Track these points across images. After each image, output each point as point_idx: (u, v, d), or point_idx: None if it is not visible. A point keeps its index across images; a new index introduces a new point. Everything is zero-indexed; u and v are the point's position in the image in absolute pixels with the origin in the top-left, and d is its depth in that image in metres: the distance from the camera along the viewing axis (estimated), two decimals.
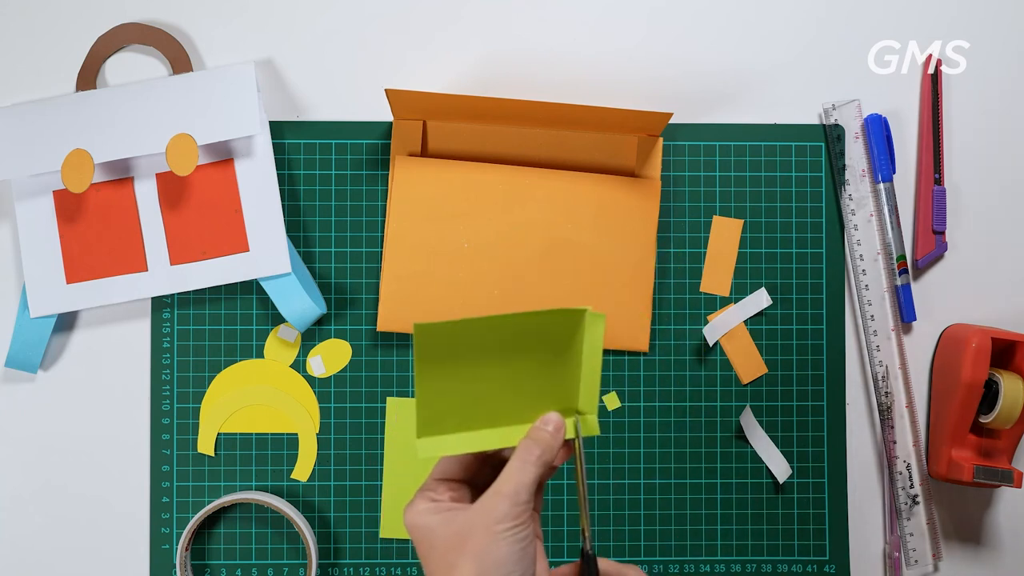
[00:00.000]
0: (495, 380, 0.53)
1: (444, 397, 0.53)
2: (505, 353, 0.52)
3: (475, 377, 0.53)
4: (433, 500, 0.51)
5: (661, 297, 0.77)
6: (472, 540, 0.49)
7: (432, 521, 0.50)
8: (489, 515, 0.49)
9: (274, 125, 0.77)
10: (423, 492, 0.52)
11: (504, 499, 0.49)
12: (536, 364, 0.53)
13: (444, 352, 0.51)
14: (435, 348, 0.51)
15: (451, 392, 0.53)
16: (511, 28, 0.78)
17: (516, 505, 0.49)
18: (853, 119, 0.77)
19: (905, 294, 0.76)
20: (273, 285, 0.74)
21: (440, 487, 0.52)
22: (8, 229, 0.77)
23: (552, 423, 0.53)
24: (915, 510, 0.76)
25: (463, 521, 0.49)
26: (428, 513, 0.51)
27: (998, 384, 0.73)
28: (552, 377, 0.54)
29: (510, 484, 0.50)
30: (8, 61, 0.77)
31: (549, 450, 0.52)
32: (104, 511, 0.76)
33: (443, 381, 0.52)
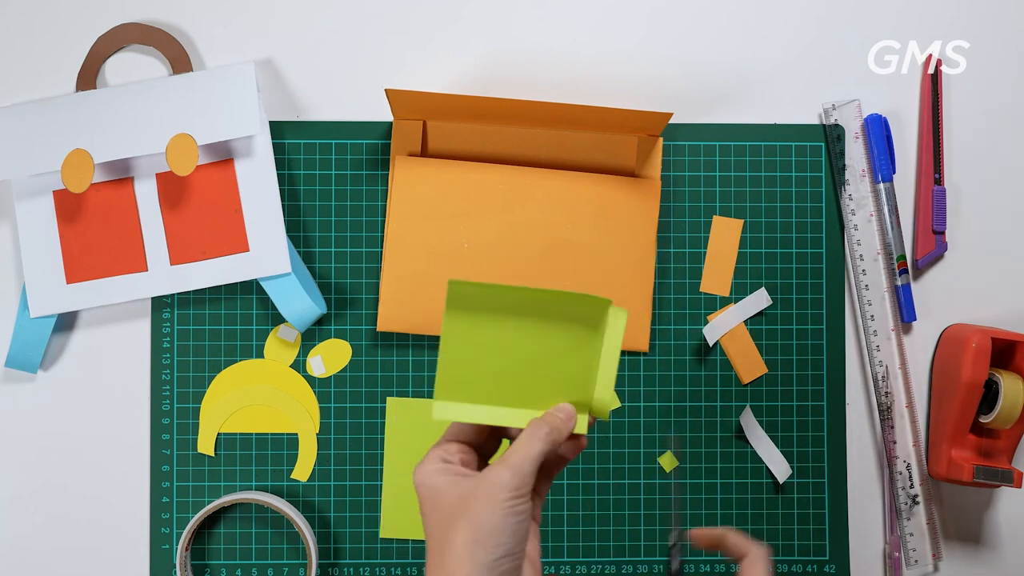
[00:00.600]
0: (516, 357, 0.54)
1: (466, 363, 0.54)
2: (529, 330, 0.53)
3: (498, 349, 0.54)
4: (444, 461, 0.52)
5: (661, 297, 0.77)
6: (472, 506, 0.49)
7: (440, 482, 0.51)
8: (492, 483, 0.50)
9: (274, 125, 0.77)
10: (435, 451, 0.53)
11: (508, 469, 0.50)
12: (558, 349, 0.54)
13: (472, 315, 0.53)
14: (465, 308, 0.52)
15: (473, 360, 0.54)
16: (511, 28, 0.78)
17: (518, 476, 0.50)
18: (853, 119, 0.77)
19: (905, 294, 0.76)
20: (273, 285, 0.74)
21: (452, 448, 0.53)
22: (8, 229, 0.77)
23: (565, 411, 0.54)
24: (915, 510, 0.76)
25: (467, 486, 0.50)
26: (437, 474, 0.51)
27: (998, 384, 0.73)
28: (571, 365, 0.54)
29: (516, 455, 0.51)
30: (8, 61, 0.77)
31: (558, 431, 0.53)
32: (104, 511, 0.76)
33: (467, 347, 0.53)
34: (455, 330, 0.53)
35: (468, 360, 0.54)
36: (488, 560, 0.49)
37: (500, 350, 0.54)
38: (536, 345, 0.54)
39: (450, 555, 0.49)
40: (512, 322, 0.53)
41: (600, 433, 0.76)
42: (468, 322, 0.53)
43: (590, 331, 0.54)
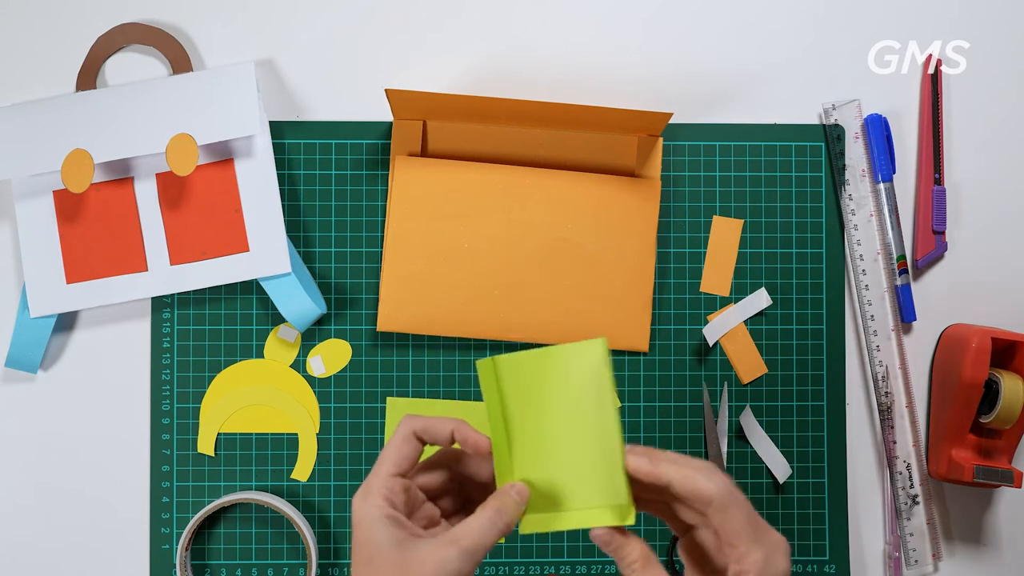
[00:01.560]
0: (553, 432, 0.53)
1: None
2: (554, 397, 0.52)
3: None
4: (390, 503, 0.50)
5: (661, 297, 0.77)
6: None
7: (382, 533, 0.49)
8: (439, 564, 0.48)
9: (274, 125, 0.77)
10: (378, 484, 0.50)
11: (460, 554, 0.48)
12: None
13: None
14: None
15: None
16: (511, 28, 0.78)
17: (468, 563, 0.49)
18: (853, 119, 0.77)
19: (905, 294, 0.76)
20: (273, 285, 0.74)
21: (396, 486, 0.51)
22: (8, 229, 0.77)
23: (520, 492, 0.52)
24: (915, 510, 0.76)
25: (411, 554, 0.48)
26: (379, 523, 0.49)
27: (998, 384, 0.73)
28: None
29: (470, 540, 0.49)
30: (8, 61, 0.77)
31: (512, 524, 0.51)
32: (104, 511, 0.76)
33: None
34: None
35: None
36: None
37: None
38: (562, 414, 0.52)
39: None
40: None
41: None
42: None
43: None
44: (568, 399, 0.52)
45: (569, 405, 0.52)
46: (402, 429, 0.52)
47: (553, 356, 0.52)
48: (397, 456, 0.51)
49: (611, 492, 0.51)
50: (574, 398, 0.52)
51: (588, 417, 0.52)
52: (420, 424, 0.52)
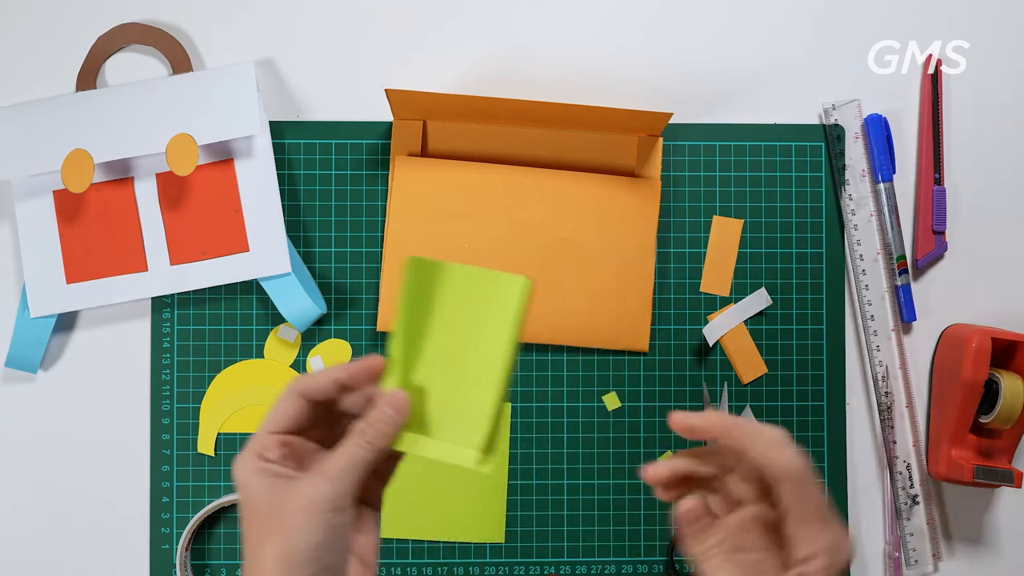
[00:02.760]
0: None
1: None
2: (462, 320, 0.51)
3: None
4: (263, 459, 0.48)
5: (661, 297, 0.77)
6: (287, 518, 0.46)
7: (256, 484, 0.47)
8: (308, 494, 0.46)
9: (274, 125, 0.77)
10: (252, 447, 0.49)
11: (327, 480, 0.47)
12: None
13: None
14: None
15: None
16: (511, 28, 0.78)
17: (337, 488, 0.47)
18: (853, 119, 0.77)
19: (905, 294, 0.76)
20: (273, 285, 0.74)
21: (271, 442, 0.49)
22: (8, 229, 0.77)
23: (394, 404, 0.49)
24: (915, 510, 0.76)
25: (284, 493, 0.47)
26: (253, 474, 0.48)
27: (998, 384, 0.73)
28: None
29: (336, 464, 0.48)
30: (8, 61, 0.77)
31: (384, 436, 0.49)
32: (104, 511, 0.76)
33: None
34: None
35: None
36: (301, 575, 0.46)
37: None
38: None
39: (261, 567, 0.46)
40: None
41: (600, 433, 0.76)
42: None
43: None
44: (473, 324, 0.51)
45: (472, 331, 0.51)
46: (286, 390, 0.51)
47: (479, 277, 0.51)
48: (276, 415, 0.50)
49: (476, 432, 0.50)
50: (479, 326, 0.51)
51: (483, 350, 0.51)
52: (303, 382, 0.50)
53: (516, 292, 0.50)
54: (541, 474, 0.76)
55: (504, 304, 0.50)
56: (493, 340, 0.51)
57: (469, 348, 0.51)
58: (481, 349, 0.51)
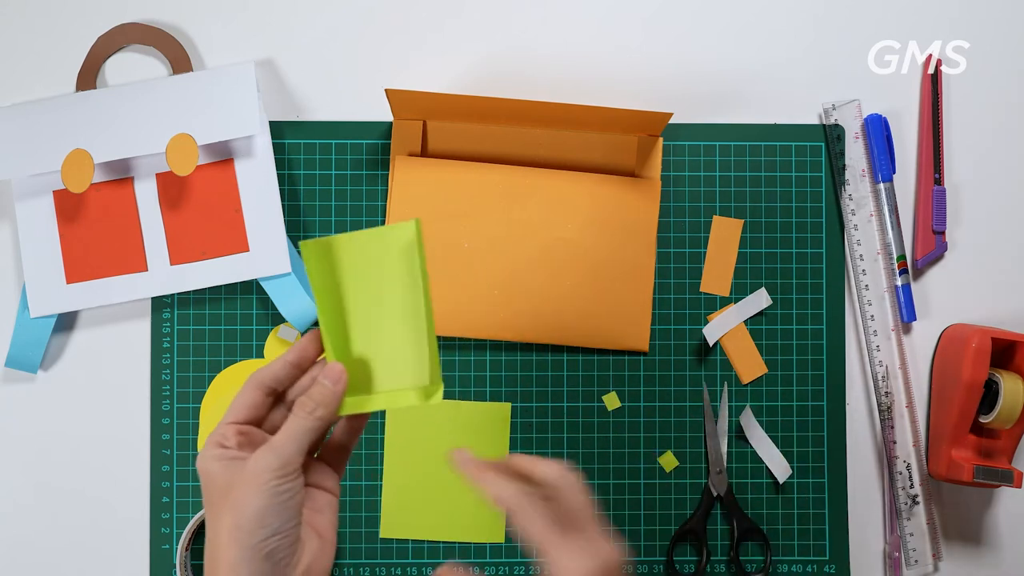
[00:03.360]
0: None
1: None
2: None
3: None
4: (221, 446, 0.51)
5: (661, 297, 0.77)
6: (237, 489, 0.49)
7: (214, 468, 0.50)
8: (255, 466, 0.50)
9: (274, 125, 0.77)
10: (212, 436, 0.52)
11: (271, 451, 0.50)
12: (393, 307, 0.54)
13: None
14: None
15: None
16: (511, 28, 0.78)
17: (280, 457, 0.50)
18: (853, 119, 0.77)
19: (905, 294, 0.76)
20: (273, 285, 0.74)
21: (229, 432, 0.52)
22: (8, 229, 0.77)
23: (332, 376, 0.52)
24: (915, 510, 0.76)
25: (236, 470, 0.50)
26: (212, 460, 0.51)
27: (998, 384, 0.73)
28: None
29: (281, 435, 0.51)
30: (8, 61, 0.77)
31: (322, 405, 0.52)
32: (104, 511, 0.76)
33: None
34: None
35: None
36: (253, 542, 0.49)
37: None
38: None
39: (217, 541, 0.49)
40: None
41: (600, 433, 0.76)
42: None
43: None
44: (384, 280, 0.53)
45: (384, 286, 0.54)
46: (245, 383, 0.54)
47: (369, 237, 0.53)
48: (234, 407, 0.53)
49: (418, 372, 0.53)
50: (387, 278, 0.53)
51: (398, 297, 0.53)
52: (259, 373, 0.54)
53: (409, 235, 0.53)
54: None
55: (402, 251, 0.53)
56: (405, 286, 0.53)
57: (388, 302, 0.54)
58: (398, 299, 0.54)
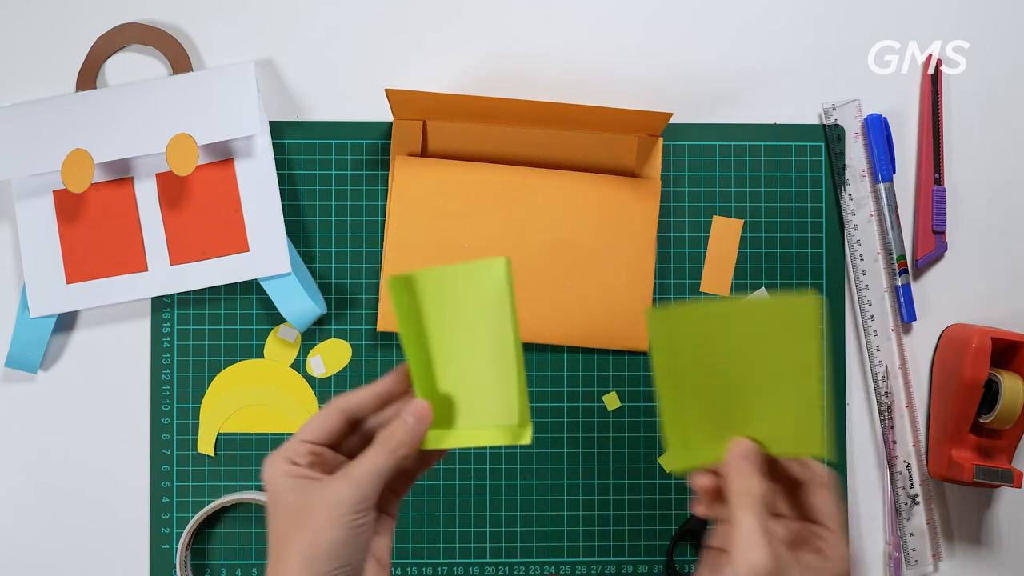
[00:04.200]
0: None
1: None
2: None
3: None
4: (292, 462, 0.51)
5: (661, 297, 0.77)
6: (312, 517, 0.49)
7: (284, 484, 0.50)
8: (332, 498, 0.49)
9: (274, 125, 0.77)
10: (284, 451, 0.52)
11: (349, 484, 0.50)
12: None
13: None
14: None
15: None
16: (511, 28, 0.78)
17: (359, 491, 0.50)
18: (853, 119, 0.77)
19: (905, 294, 0.76)
20: (273, 285, 0.74)
21: (302, 449, 0.52)
22: (8, 229, 0.77)
23: (416, 414, 0.52)
24: (915, 510, 0.76)
25: (310, 494, 0.50)
26: (283, 476, 0.51)
27: (998, 384, 0.73)
28: None
29: (360, 469, 0.50)
30: (8, 61, 0.77)
31: (405, 444, 0.52)
32: (104, 511, 0.76)
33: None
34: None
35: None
36: (323, 572, 0.48)
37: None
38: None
39: (284, 563, 0.49)
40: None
41: (600, 433, 0.76)
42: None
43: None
44: (471, 317, 0.53)
45: (471, 323, 0.53)
46: (327, 405, 0.54)
47: (459, 273, 0.53)
48: (313, 426, 0.53)
49: (506, 412, 0.53)
50: (476, 316, 0.53)
51: (488, 335, 0.53)
52: (344, 398, 0.54)
53: (499, 273, 0.52)
54: (541, 474, 0.76)
55: (491, 287, 0.53)
56: (492, 322, 0.53)
57: (474, 338, 0.53)
58: (485, 335, 0.53)
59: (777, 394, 0.52)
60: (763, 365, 0.52)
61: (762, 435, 0.53)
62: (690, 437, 0.55)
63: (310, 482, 0.50)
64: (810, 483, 0.54)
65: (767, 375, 0.52)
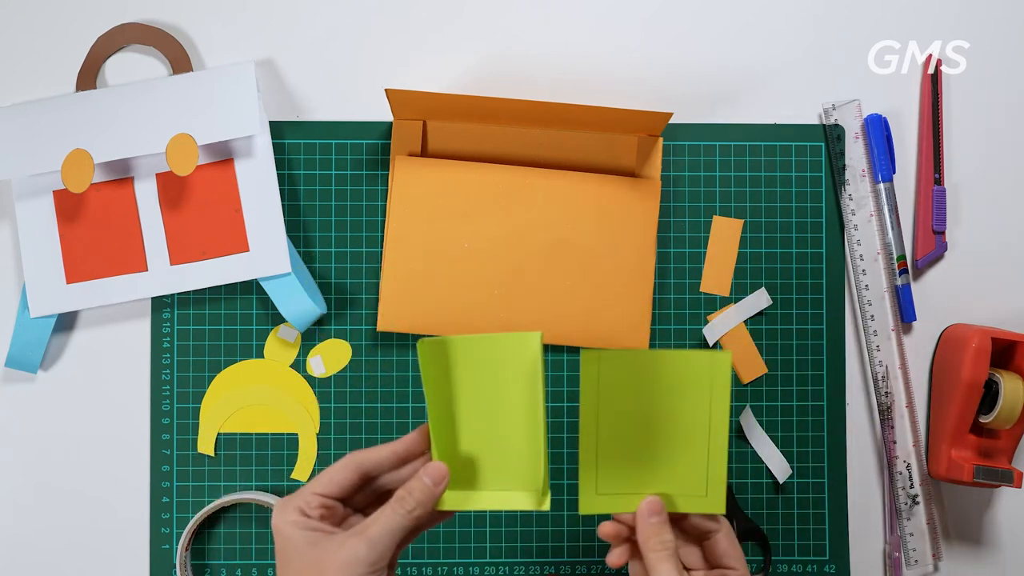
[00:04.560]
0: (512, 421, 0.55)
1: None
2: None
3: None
4: (303, 513, 0.52)
5: (661, 297, 0.77)
6: (325, 573, 0.49)
7: (296, 536, 0.51)
8: (348, 554, 0.50)
9: (274, 125, 0.77)
10: (296, 500, 0.52)
11: (366, 544, 0.50)
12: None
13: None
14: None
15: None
16: (511, 28, 0.78)
17: (375, 551, 0.50)
18: (853, 119, 0.77)
19: (905, 294, 0.76)
20: (273, 285, 0.74)
21: (314, 502, 0.52)
22: (8, 229, 0.77)
23: (433, 475, 0.53)
24: (915, 510, 0.76)
25: (324, 549, 0.50)
26: (294, 527, 0.51)
27: (998, 384, 0.73)
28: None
29: (376, 529, 0.51)
30: (8, 61, 0.77)
31: (422, 505, 0.52)
32: (104, 511, 0.76)
33: None
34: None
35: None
36: None
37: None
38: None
39: None
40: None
41: None
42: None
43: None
44: (501, 386, 0.54)
45: (501, 391, 0.54)
46: (343, 459, 0.54)
47: (492, 343, 0.54)
48: (325, 478, 0.53)
49: (528, 478, 0.54)
50: (507, 385, 0.54)
51: (517, 405, 0.54)
52: (361, 454, 0.54)
53: (533, 345, 0.53)
54: None
55: (521, 359, 0.54)
56: (522, 392, 0.54)
57: (502, 405, 0.54)
58: (514, 403, 0.54)
59: (688, 450, 0.55)
60: (676, 419, 0.55)
61: (672, 490, 0.55)
62: (601, 482, 0.56)
63: (324, 536, 0.50)
64: (715, 533, 0.56)
65: (679, 429, 0.55)
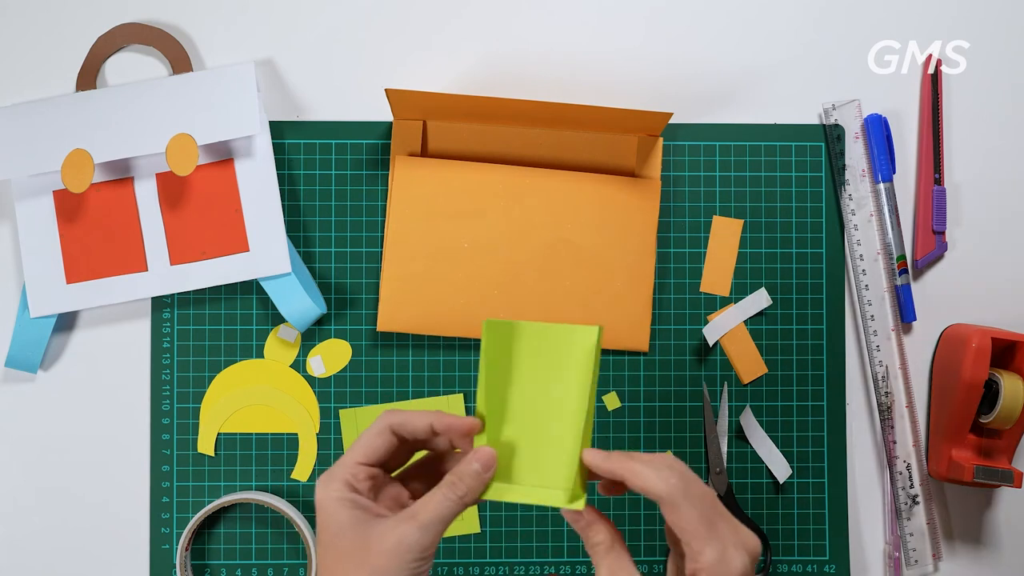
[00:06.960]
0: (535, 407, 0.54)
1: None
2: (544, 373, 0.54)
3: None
4: (351, 487, 0.50)
5: (661, 297, 0.77)
6: (375, 557, 0.48)
7: (343, 517, 0.50)
8: (399, 541, 0.49)
9: (274, 125, 0.77)
10: (342, 471, 0.51)
11: (418, 529, 0.49)
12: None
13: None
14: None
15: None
16: (511, 28, 0.78)
17: (427, 537, 0.49)
18: (853, 119, 0.77)
19: (905, 294, 0.76)
20: (273, 285, 0.74)
21: (360, 473, 0.51)
22: (8, 229, 0.77)
23: (483, 461, 0.52)
24: (915, 510, 0.76)
25: (371, 533, 0.49)
26: (342, 505, 0.50)
27: (998, 384, 0.73)
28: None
29: (427, 514, 0.50)
30: (8, 61, 0.77)
31: (473, 492, 0.51)
32: (104, 511, 0.76)
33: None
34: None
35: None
36: None
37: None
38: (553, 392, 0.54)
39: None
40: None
41: (601, 433, 0.76)
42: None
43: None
44: (553, 375, 0.54)
45: (552, 381, 0.54)
46: (378, 423, 0.53)
47: (553, 331, 0.54)
48: (367, 447, 0.52)
49: (568, 474, 0.53)
50: (559, 375, 0.53)
51: (564, 398, 0.53)
52: (397, 419, 0.52)
53: (589, 340, 0.53)
54: None
55: (578, 352, 0.53)
56: (575, 387, 0.53)
57: (551, 397, 0.54)
58: (562, 397, 0.54)
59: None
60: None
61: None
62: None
63: (372, 517, 0.50)
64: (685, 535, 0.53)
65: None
